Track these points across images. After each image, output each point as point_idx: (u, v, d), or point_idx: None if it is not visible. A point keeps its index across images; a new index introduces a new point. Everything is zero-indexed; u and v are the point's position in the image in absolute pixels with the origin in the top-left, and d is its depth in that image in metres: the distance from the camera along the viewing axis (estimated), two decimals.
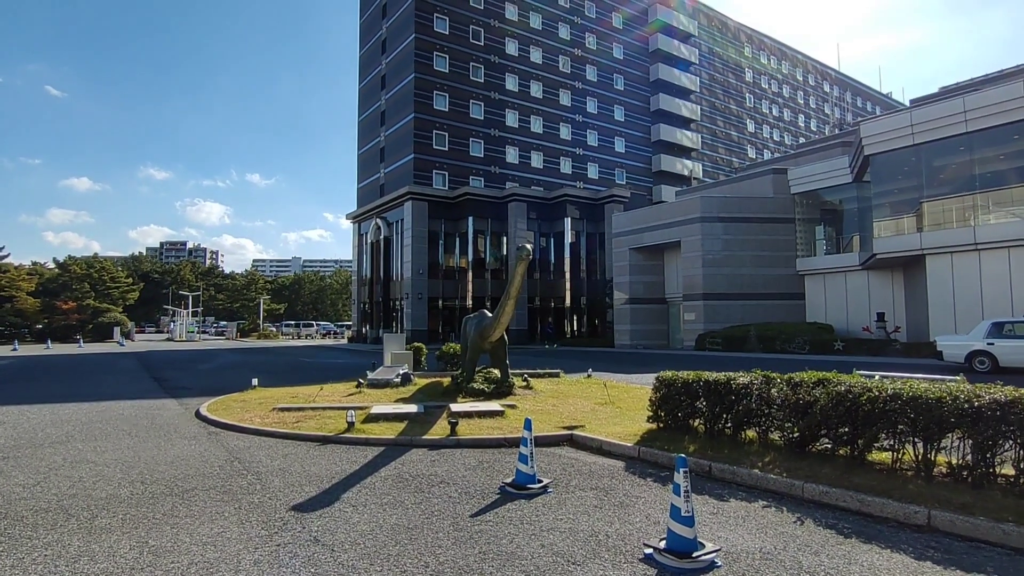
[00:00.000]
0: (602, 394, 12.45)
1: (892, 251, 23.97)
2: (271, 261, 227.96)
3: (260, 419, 9.58)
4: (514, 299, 11.14)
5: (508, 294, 11.17)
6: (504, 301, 11.30)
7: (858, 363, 20.80)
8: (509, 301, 11.17)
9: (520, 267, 10.64)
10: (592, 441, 8.09)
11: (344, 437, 8.23)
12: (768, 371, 7.64)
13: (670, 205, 35.48)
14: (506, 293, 11.23)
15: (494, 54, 48.37)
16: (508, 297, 11.17)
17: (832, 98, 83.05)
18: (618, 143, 55.86)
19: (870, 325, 26.35)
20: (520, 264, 10.56)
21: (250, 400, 11.82)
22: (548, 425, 9.12)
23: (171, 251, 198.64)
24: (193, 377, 18.39)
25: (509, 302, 11.18)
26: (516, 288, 11.04)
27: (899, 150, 23.71)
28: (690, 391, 7.81)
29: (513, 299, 11.12)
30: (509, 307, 11.26)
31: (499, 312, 11.48)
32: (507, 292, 11.20)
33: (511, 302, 11.19)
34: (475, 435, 8.31)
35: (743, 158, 67.56)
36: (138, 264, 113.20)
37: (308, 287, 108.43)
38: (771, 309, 30.51)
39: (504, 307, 11.31)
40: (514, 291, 11.05)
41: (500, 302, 11.51)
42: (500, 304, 11.46)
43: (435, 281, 42.94)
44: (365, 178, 52.49)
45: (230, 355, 31.42)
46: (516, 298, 11.21)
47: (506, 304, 11.27)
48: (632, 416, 9.96)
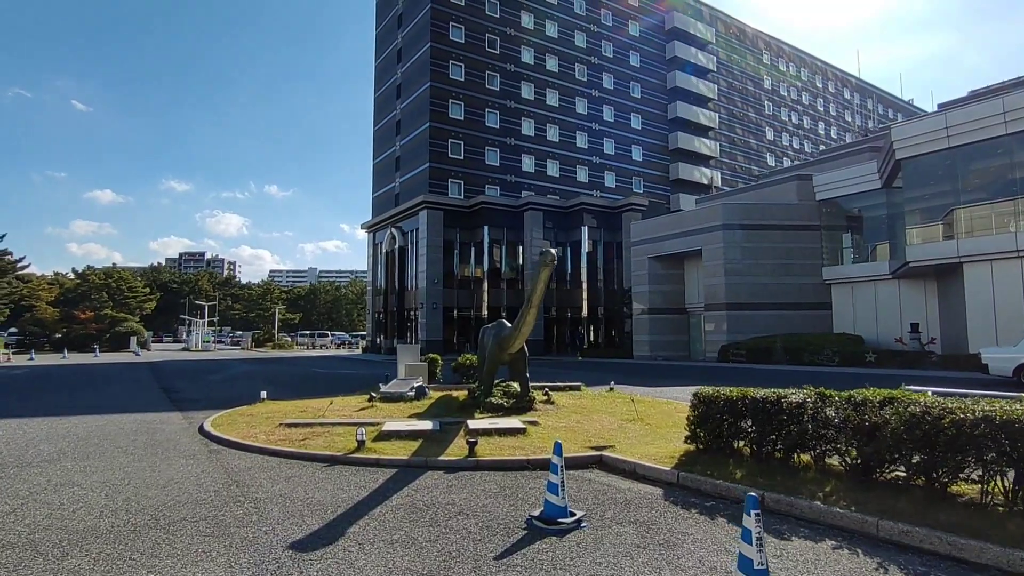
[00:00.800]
0: (628, 410, 11.70)
1: (926, 259, 22.94)
2: (287, 272, 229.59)
3: (265, 436, 8.97)
4: (536, 307, 10.44)
5: (530, 302, 10.46)
6: (525, 310, 10.60)
7: (895, 376, 19.80)
8: (531, 309, 10.46)
9: (544, 273, 9.94)
10: (624, 463, 7.36)
11: (353, 457, 7.58)
12: (803, 385, 6.91)
13: (690, 213, 34.64)
14: (527, 301, 10.53)
15: (510, 62, 48.02)
16: (530, 305, 10.46)
17: (853, 105, 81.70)
18: (635, 151, 55.14)
19: (903, 336, 25.26)
20: (544, 269, 9.86)
21: (257, 414, 11.23)
22: (574, 444, 8.40)
23: (190, 261, 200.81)
24: (203, 388, 17.90)
25: (531, 310, 10.48)
26: (539, 295, 10.35)
27: (933, 154, 22.75)
28: (734, 410, 7.05)
29: (535, 307, 10.42)
30: (531, 316, 10.56)
31: (519, 321, 10.79)
32: (528, 300, 10.49)
33: (533, 310, 10.48)
34: (495, 456, 7.61)
35: (763, 166, 66.45)
36: (157, 274, 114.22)
37: (323, 297, 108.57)
38: (796, 320, 29.48)
39: (525, 316, 10.62)
40: (536, 299, 10.35)
41: (521, 311, 10.81)
42: (521, 313, 10.77)
43: (450, 291, 42.37)
44: (380, 188, 52.25)
45: (243, 365, 31.03)
46: (539, 306, 10.52)
47: (527, 313, 10.57)
48: (664, 435, 9.22)
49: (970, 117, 21.61)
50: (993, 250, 20.90)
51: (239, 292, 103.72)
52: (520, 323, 10.76)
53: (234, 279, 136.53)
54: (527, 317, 10.57)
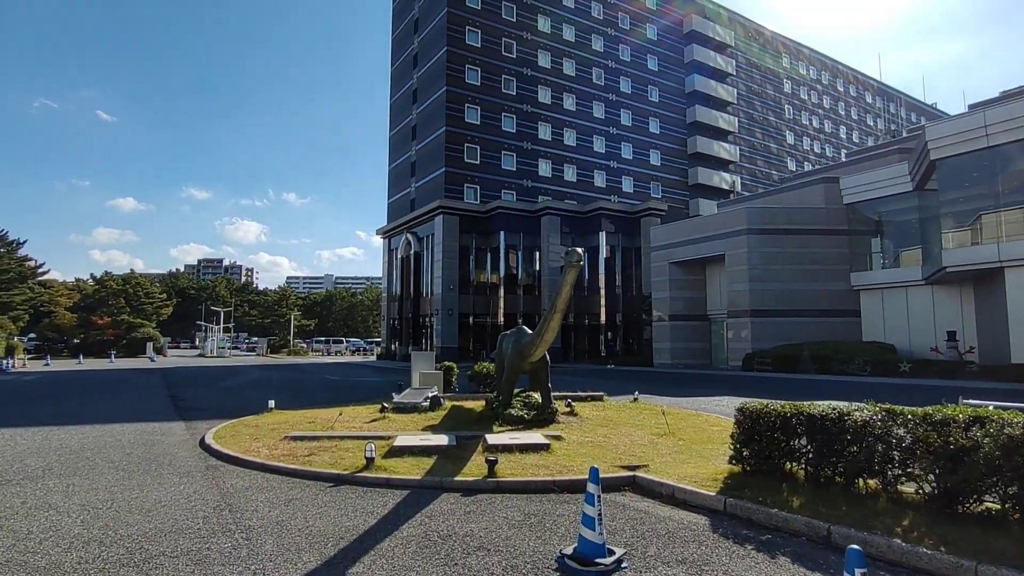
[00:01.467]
0: (658, 423, 10.91)
1: (964, 264, 21.86)
2: (304, 278, 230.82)
3: (268, 450, 8.33)
4: (561, 312, 9.71)
5: (554, 306, 9.73)
6: (549, 315, 9.88)
7: (934, 388, 18.76)
8: (555, 314, 9.74)
9: (570, 275, 9.22)
10: (661, 486, 6.60)
11: (361, 477, 6.90)
12: (837, 395, 6.10)
13: (713, 217, 33.70)
14: (552, 306, 9.79)
15: (526, 66, 47.51)
16: (554, 310, 9.73)
17: (875, 109, 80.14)
18: (653, 156, 54.30)
19: (939, 345, 24.12)
20: (570, 271, 9.14)
21: (263, 425, 10.62)
22: (603, 463, 7.65)
23: (208, 268, 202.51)
24: (211, 396, 17.38)
25: (555, 315, 9.75)
26: (564, 300, 9.62)
27: (970, 154, 21.71)
28: (787, 427, 6.27)
29: (560, 312, 9.69)
30: (555, 321, 9.83)
31: (542, 327, 10.07)
32: (553, 304, 9.77)
33: (557, 315, 9.75)
34: (517, 476, 6.89)
35: (783, 171, 65.21)
36: (175, 280, 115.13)
37: (339, 304, 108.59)
38: (823, 327, 28.40)
39: (549, 321, 9.89)
40: (561, 303, 9.62)
41: (544, 316, 10.08)
42: (544, 318, 10.04)
43: (466, 297, 41.77)
44: (395, 193, 51.90)
45: (256, 372, 30.60)
46: (563, 311, 9.79)
47: (551, 318, 9.85)
48: (700, 452, 8.45)
49: (1011, 115, 20.57)
50: None
51: (255, 298, 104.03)
52: (543, 329, 10.04)
53: (251, 285, 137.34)
54: (551, 323, 9.84)
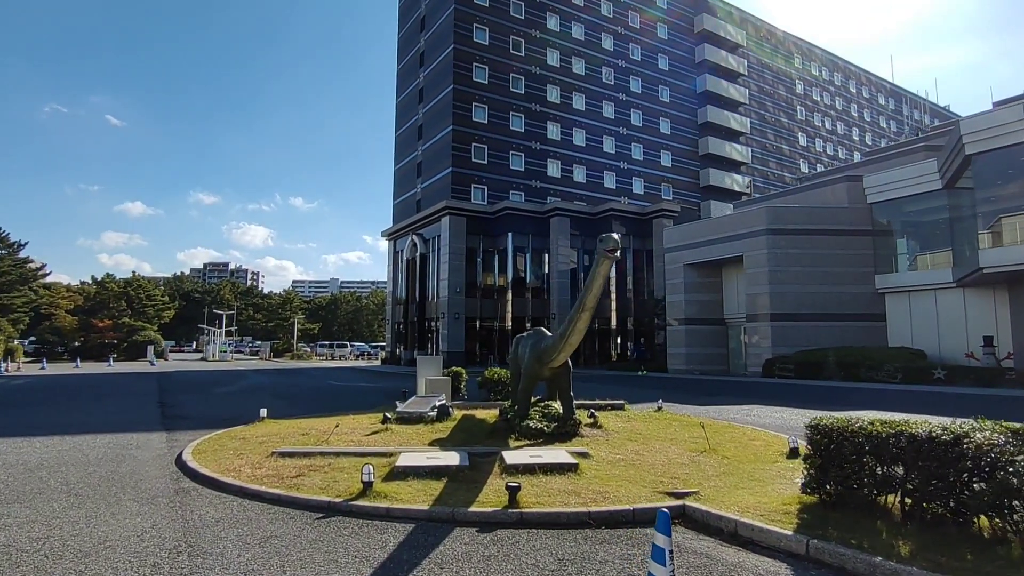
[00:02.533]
0: (692, 436, 9.75)
1: (1002, 264, 20.56)
2: (310, 282, 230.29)
3: (251, 469, 7.20)
4: (591, 310, 8.55)
5: (583, 304, 8.54)
6: (576, 313, 8.68)
7: (975, 397, 17.50)
8: (584, 313, 8.56)
9: (604, 266, 8.04)
10: (721, 520, 5.43)
11: (357, 506, 5.76)
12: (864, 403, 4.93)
13: (730, 217, 32.49)
14: (580, 303, 8.60)
15: (535, 65, 46.47)
16: (583, 308, 8.54)
17: (888, 111, 78.76)
18: (664, 157, 53.11)
19: (974, 351, 22.80)
20: (604, 262, 7.95)
21: (251, 438, 9.50)
22: (642, 487, 6.50)
23: (214, 272, 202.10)
24: (204, 403, 16.30)
25: (584, 314, 8.57)
26: (595, 295, 8.45)
27: (1009, 148, 20.45)
28: (881, 450, 5.09)
29: (590, 310, 8.52)
30: (583, 321, 8.66)
31: (568, 328, 8.87)
32: (581, 301, 8.58)
33: (586, 314, 8.57)
34: (544, 506, 5.74)
35: (795, 172, 63.90)
36: (179, 283, 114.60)
37: (344, 307, 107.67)
38: (846, 331, 27.11)
39: (576, 321, 8.70)
40: (592, 299, 8.44)
41: (570, 315, 8.89)
42: (570, 318, 8.85)
43: (473, 300, 40.65)
44: (401, 194, 50.90)
45: (256, 377, 29.55)
46: (593, 309, 8.62)
47: (579, 317, 8.64)
48: (751, 474, 7.28)
49: None
50: None
51: (260, 302, 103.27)
52: (569, 330, 8.83)
53: (256, 289, 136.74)
54: (578, 323, 8.64)
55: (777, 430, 11.35)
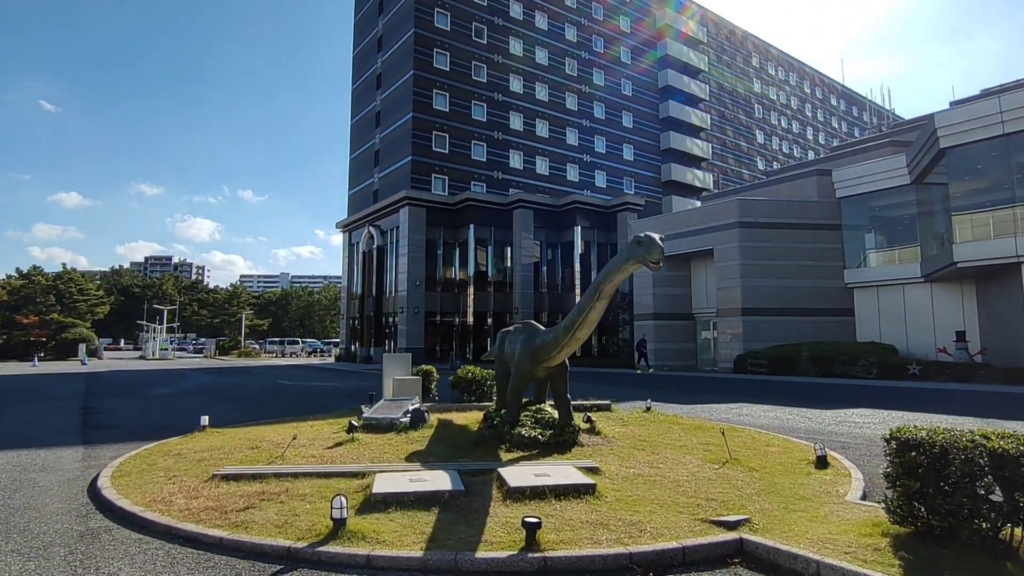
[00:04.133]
0: (702, 442, 8.69)
1: (976, 259, 20.46)
2: (259, 276, 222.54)
3: (187, 499, 5.68)
4: (608, 299, 7.30)
5: (599, 291, 7.25)
6: (591, 302, 7.35)
7: (956, 393, 17.20)
8: (600, 302, 7.27)
9: (633, 268, 6.98)
10: (795, 560, 4.28)
11: (327, 553, 4.36)
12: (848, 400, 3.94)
13: (700, 210, 31.97)
14: (595, 291, 7.31)
15: (498, 53, 45.09)
16: (599, 296, 7.24)
17: (839, 112, 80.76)
18: (627, 151, 52.60)
19: (948, 347, 22.76)
20: (634, 266, 6.88)
21: (188, 453, 7.90)
22: (678, 513, 5.31)
23: (156, 266, 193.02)
24: (136, 409, 14.37)
25: (599, 303, 7.28)
26: (616, 285, 7.23)
27: (984, 141, 20.34)
28: (1011, 471, 4.03)
29: (607, 299, 7.26)
30: (597, 311, 7.37)
31: (577, 319, 7.54)
32: (598, 289, 7.29)
33: (602, 303, 7.29)
34: (570, 546, 4.47)
35: (753, 170, 64.65)
36: (118, 278, 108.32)
37: (295, 303, 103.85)
38: (817, 326, 26.90)
39: (589, 312, 7.38)
40: (611, 287, 7.16)
41: (580, 305, 7.59)
42: (580, 308, 7.54)
43: (433, 294, 39.06)
44: (357, 184, 48.72)
45: (200, 376, 27.29)
46: (610, 298, 7.38)
47: (593, 307, 7.34)
48: (793, 491, 6.21)
49: None
50: None
51: (205, 297, 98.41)
52: (579, 322, 7.50)
53: (201, 284, 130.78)
54: (591, 314, 7.33)
55: (780, 432, 10.45)
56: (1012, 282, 19.97)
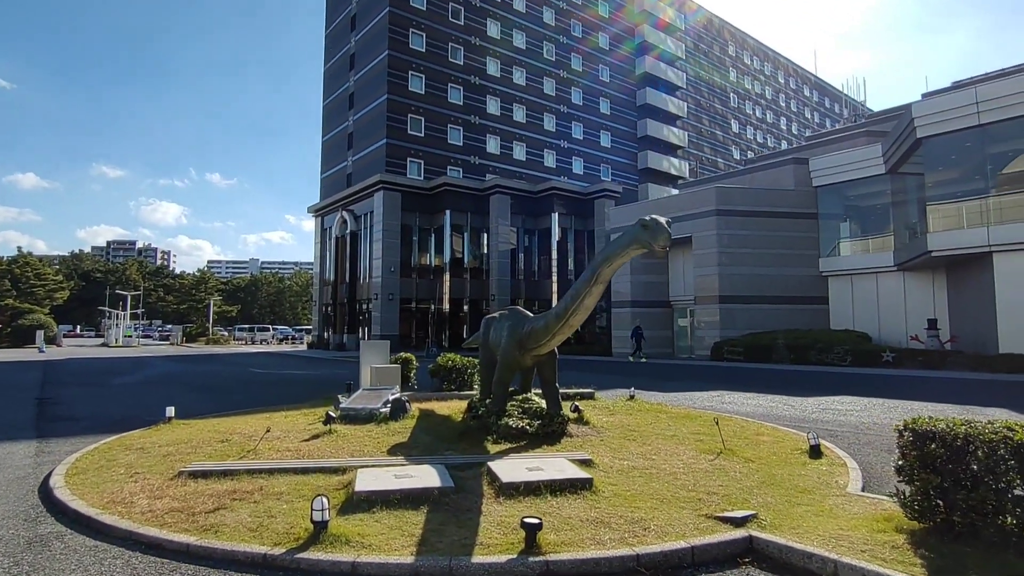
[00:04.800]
0: (694, 432, 8.47)
1: (950, 248, 20.71)
2: (227, 262, 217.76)
3: (150, 499, 5.21)
4: (605, 284, 6.93)
5: (597, 275, 6.86)
6: (587, 287, 6.96)
7: (930, 380, 17.42)
8: (597, 287, 6.90)
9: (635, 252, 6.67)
10: (810, 559, 4.03)
11: (308, 560, 3.97)
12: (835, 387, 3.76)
13: (678, 197, 31.94)
14: (593, 275, 6.90)
15: (475, 35, 44.26)
16: (596, 280, 6.87)
17: (812, 103, 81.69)
18: (604, 137, 52.36)
19: (919, 334, 23.10)
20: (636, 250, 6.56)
21: (152, 447, 7.39)
22: (680, 508, 5.05)
23: (119, 250, 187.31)
24: (97, 398, 13.66)
25: (596, 288, 6.90)
26: (615, 269, 6.88)
27: (960, 132, 20.52)
28: None
29: (603, 284, 6.89)
30: (593, 296, 6.97)
31: (572, 305, 7.13)
32: (596, 272, 6.88)
33: (599, 288, 6.92)
34: (572, 547, 4.15)
35: (728, 159, 65.06)
36: (78, 263, 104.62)
37: (265, 289, 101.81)
38: (793, 314, 27.12)
39: (584, 297, 6.97)
40: (610, 271, 6.78)
41: (574, 290, 7.18)
42: (574, 293, 7.14)
43: (408, 281, 38.44)
44: (330, 167, 47.59)
45: (165, 364, 26.37)
46: (607, 283, 7.02)
47: (589, 292, 6.94)
48: (792, 482, 6.02)
49: (1004, 92, 19.44)
50: None
51: (171, 282, 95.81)
52: (573, 308, 7.10)
53: (167, 269, 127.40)
54: (586, 299, 6.95)
55: (766, 420, 10.33)
56: (983, 271, 20.27)
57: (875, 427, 9.82)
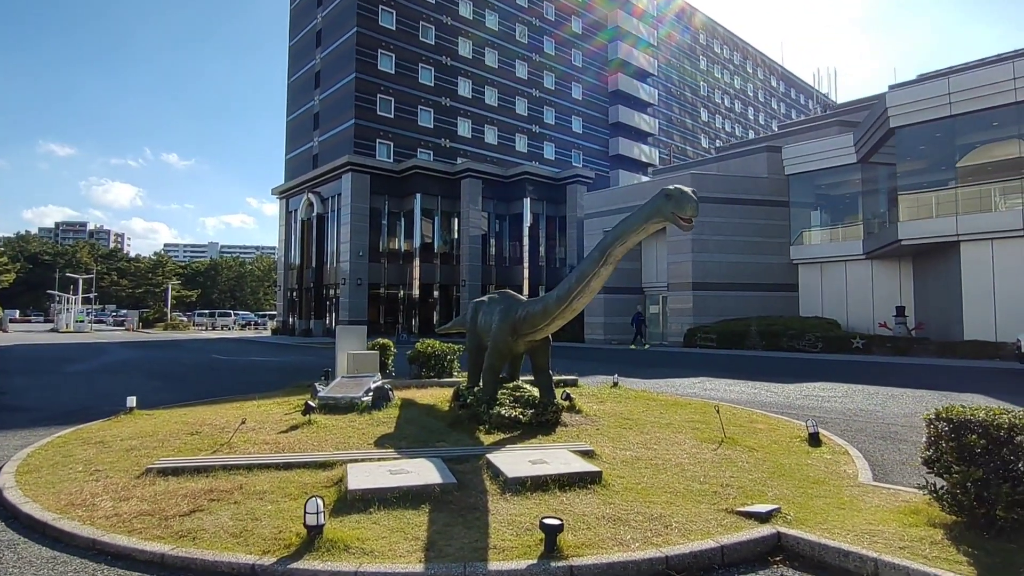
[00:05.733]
0: (687, 419, 8.26)
1: (921, 237, 21.08)
2: (185, 246, 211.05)
3: (114, 500, 4.67)
4: (614, 266, 6.54)
5: (607, 255, 6.30)
6: (595, 268, 6.39)
7: (899, 366, 17.72)
8: (606, 268, 6.35)
9: (655, 226, 6.05)
10: (847, 557, 3.77)
11: (304, 572, 3.51)
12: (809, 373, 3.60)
13: (652, 184, 31.80)
14: (603, 254, 6.35)
15: (447, 15, 43.22)
16: (605, 261, 6.31)
17: (779, 93, 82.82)
18: (575, 123, 52.01)
19: (887, 321, 23.56)
20: (657, 223, 5.94)
21: (113, 441, 6.77)
22: (696, 502, 4.76)
23: (68, 232, 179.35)
24: (47, 387, 12.77)
25: (604, 269, 6.36)
26: (627, 248, 6.31)
27: (932, 122, 20.83)
28: None
29: (613, 266, 6.49)
30: (600, 279, 6.44)
31: (576, 287, 6.61)
32: (606, 252, 6.33)
33: (607, 270, 6.38)
34: (595, 550, 3.80)
35: (696, 147, 65.51)
36: (24, 244, 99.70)
37: (226, 273, 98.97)
38: (765, 301, 27.40)
39: (590, 279, 6.44)
40: (621, 250, 6.31)
41: (579, 271, 6.66)
42: (580, 274, 6.62)
43: (376, 265, 37.59)
44: (295, 148, 46.08)
45: (121, 351, 25.16)
46: (616, 265, 6.62)
47: (597, 273, 6.39)
48: (801, 471, 5.85)
49: (976, 83, 19.76)
50: (997, 228, 19.21)
51: (126, 266, 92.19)
52: (577, 290, 6.58)
53: (121, 252, 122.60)
54: (592, 281, 6.45)
55: (752, 406, 10.25)
56: (950, 260, 20.71)
57: (862, 413, 9.78)
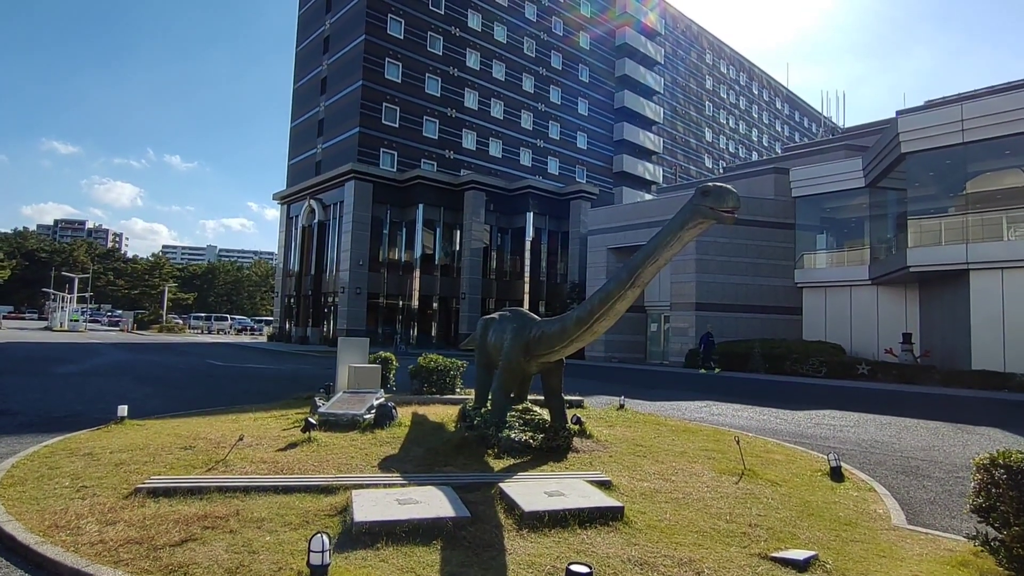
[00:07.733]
0: (702, 447, 7.93)
1: (930, 264, 20.86)
2: (183, 248, 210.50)
3: (100, 523, 4.32)
4: (642, 288, 6.19)
5: (636, 277, 5.89)
6: (622, 290, 5.99)
7: (901, 394, 17.41)
8: (632, 291, 5.95)
9: (695, 231, 5.64)
10: None
11: None
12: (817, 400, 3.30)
13: (657, 202, 31.72)
14: (631, 275, 5.93)
15: (455, 26, 43.29)
16: (633, 283, 5.91)
17: (783, 115, 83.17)
18: (580, 138, 52.01)
19: (894, 347, 23.27)
20: (699, 225, 5.53)
21: (102, 453, 6.41)
22: (726, 545, 4.44)
23: (67, 230, 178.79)
24: (37, 390, 12.38)
25: (630, 292, 5.97)
26: (659, 267, 5.94)
27: (944, 149, 20.68)
28: None
29: (641, 288, 6.07)
30: (627, 301, 6.04)
31: (599, 309, 6.21)
32: (635, 273, 5.92)
33: (634, 292, 6.00)
34: None
35: (700, 167, 65.61)
36: (22, 241, 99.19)
37: (223, 277, 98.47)
38: (767, 324, 27.14)
39: (616, 301, 6.05)
40: (652, 271, 5.89)
41: (604, 291, 6.25)
42: (604, 295, 6.20)
43: (376, 275, 37.27)
44: (298, 154, 45.92)
45: (115, 352, 24.73)
46: (644, 287, 6.29)
47: (623, 295, 5.98)
48: (830, 511, 5.49)
49: (990, 110, 19.64)
50: (1008, 257, 18.99)
51: (123, 266, 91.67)
52: (602, 312, 6.19)
53: (118, 252, 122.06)
54: (617, 304, 6.06)
55: (763, 434, 9.95)
56: (958, 288, 20.48)
57: (878, 445, 9.47)
